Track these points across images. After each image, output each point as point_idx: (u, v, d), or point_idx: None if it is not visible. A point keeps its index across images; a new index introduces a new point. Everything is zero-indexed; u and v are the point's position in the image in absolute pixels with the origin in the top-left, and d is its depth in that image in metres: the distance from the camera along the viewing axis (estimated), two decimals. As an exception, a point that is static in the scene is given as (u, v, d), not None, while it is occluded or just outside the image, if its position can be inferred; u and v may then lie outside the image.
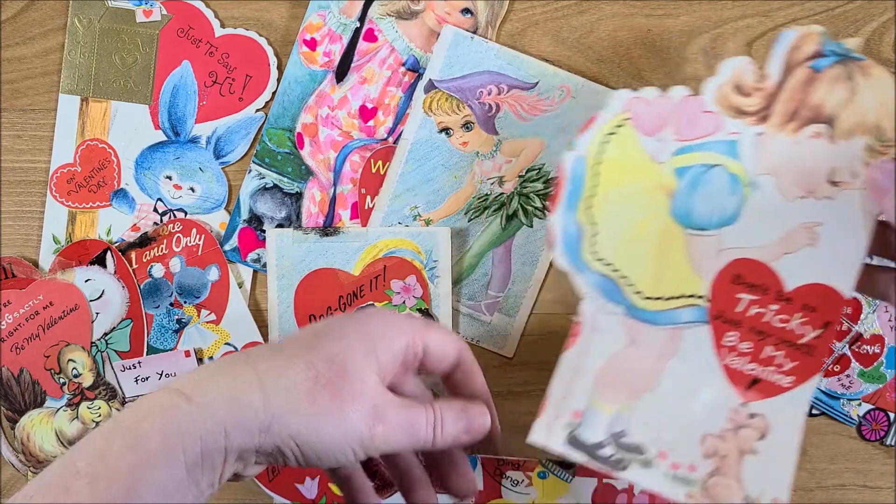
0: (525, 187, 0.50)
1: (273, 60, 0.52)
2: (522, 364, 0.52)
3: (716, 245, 0.41)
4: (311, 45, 0.52)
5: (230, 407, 0.36)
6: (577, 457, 0.40)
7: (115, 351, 0.52)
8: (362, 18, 0.51)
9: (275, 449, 0.36)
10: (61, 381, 0.52)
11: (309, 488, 0.52)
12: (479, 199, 0.51)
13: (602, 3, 0.51)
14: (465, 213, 0.51)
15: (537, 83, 0.50)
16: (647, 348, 0.42)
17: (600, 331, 0.41)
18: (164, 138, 0.52)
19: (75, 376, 0.52)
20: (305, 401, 0.36)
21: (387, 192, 0.52)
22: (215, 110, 0.52)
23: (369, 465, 0.52)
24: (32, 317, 0.51)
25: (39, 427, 0.52)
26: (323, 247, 0.52)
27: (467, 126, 0.50)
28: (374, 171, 0.52)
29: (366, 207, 0.52)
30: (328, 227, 0.52)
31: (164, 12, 0.52)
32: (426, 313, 0.51)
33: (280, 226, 0.52)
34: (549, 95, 0.50)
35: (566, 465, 0.52)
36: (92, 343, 0.52)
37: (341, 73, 0.52)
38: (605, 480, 0.52)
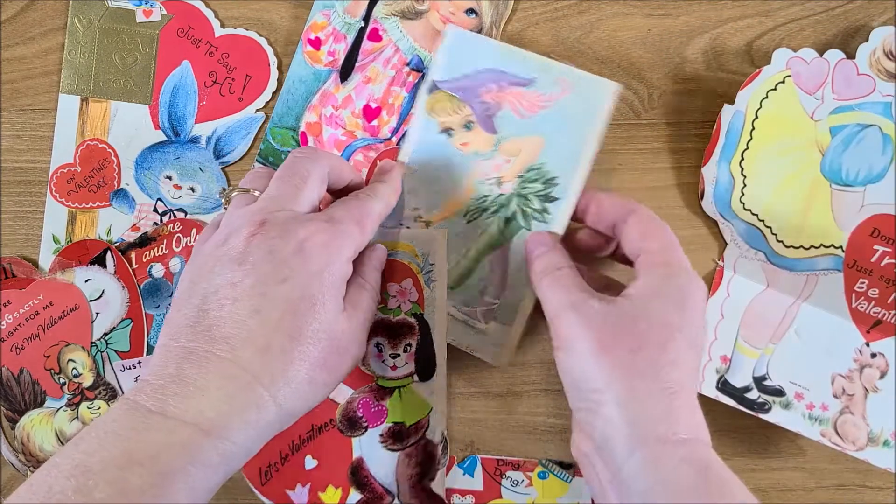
0: (524, 188, 0.49)
1: (273, 60, 0.52)
2: (522, 364, 0.52)
3: (859, 201, 0.45)
4: (316, 44, 0.52)
5: (250, 434, 0.37)
6: (726, 400, 0.46)
7: (115, 351, 0.52)
8: (367, 18, 0.51)
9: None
10: (61, 381, 0.52)
11: (300, 495, 0.52)
12: (478, 200, 0.50)
13: (602, 3, 0.51)
14: (464, 216, 0.50)
15: (535, 78, 0.48)
16: (784, 292, 0.47)
17: (741, 275, 0.45)
18: (164, 138, 0.52)
19: (75, 376, 0.52)
20: (308, 387, 0.39)
21: None
22: (215, 110, 0.52)
23: (360, 478, 0.52)
24: (32, 317, 0.51)
25: (39, 427, 0.52)
26: None
27: (468, 126, 0.49)
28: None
29: None
30: None
31: (164, 12, 0.52)
32: (421, 318, 0.51)
33: None
34: (548, 91, 0.48)
35: (566, 466, 0.52)
36: (92, 343, 0.52)
37: (345, 72, 0.52)
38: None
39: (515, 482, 0.52)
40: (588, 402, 0.39)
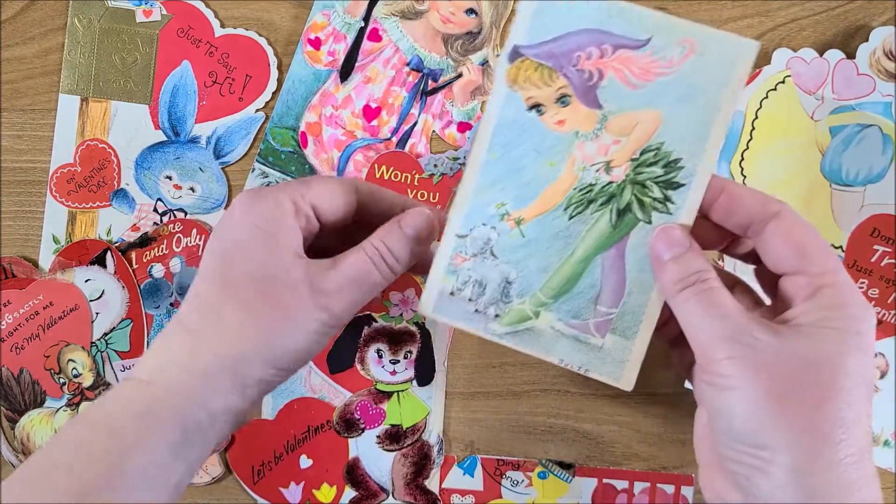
0: (640, 173, 0.40)
1: (273, 60, 0.52)
2: (522, 364, 0.52)
3: (859, 201, 0.44)
4: (316, 44, 0.52)
5: (197, 380, 0.37)
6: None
7: (115, 351, 0.52)
8: (367, 18, 0.51)
9: (258, 383, 0.38)
10: (61, 381, 0.52)
11: (293, 493, 0.52)
12: (581, 190, 0.40)
13: (602, 3, 0.51)
14: (566, 210, 0.41)
15: (650, 39, 0.39)
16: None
17: (743, 275, 0.45)
18: (164, 138, 0.52)
19: (75, 376, 0.52)
20: (257, 334, 0.37)
21: (467, 188, 0.41)
22: (215, 110, 0.52)
23: (355, 476, 0.52)
24: (32, 317, 0.51)
25: (39, 427, 0.52)
26: None
27: (563, 100, 0.40)
28: (378, 175, 0.52)
29: None
30: None
31: (164, 12, 0.52)
32: (422, 327, 0.51)
33: None
34: (667, 54, 0.39)
35: (566, 466, 0.52)
36: (92, 343, 0.52)
37: (345, 72, 0.52)
38: (604, 480, 0.52)
39: (515, 482, 0.52)
40: (752, 458, 0.34)
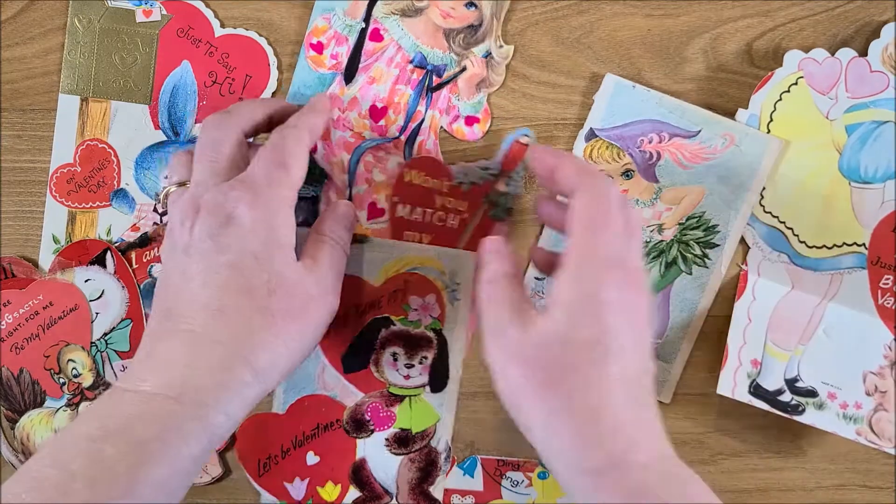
0: (685, 235, 0.50)
1: (273, 60, 0.52)
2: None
3: (879, 197, 0.45)
4: (318, 48, 0.51)
5: (226, 397, 0.37)
6: (759, 404, 0.47)
7: (115, 351, 0.52)
8: (367, 19, 0.51)
9: (275, 387, 0.41)
10: (61, 381, 0.52)
11: (297, 488, 0.52)
12: None
13: (602, 3, 0.51)
14: None
15: (700, 131, 0.49)
16: (810, 292, 0.47)
17: (766, 278, 0.46)
18: (164, 138, 0.52)
19: (75, 376, 0.52)
20: (273, 339, 0.39)
21: (546, 242, 0.51)
22: (215, 110, 0.52)
23: (360, 477, 0.52)
24: (32, 317, 0.51)
25: (39, 427, 0.52)
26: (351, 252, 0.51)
27: (627, 174, 0.50)
28: (406, 180, 0.51)
29: (396, 215, 0.51)
30: (358, 234, 0.50)
31: (164, 12, 0.52)
32: (440, 333, 0.51)
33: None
34: (712, 143, 0.49)
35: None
36: (92, 343, 0.52)
37: (350, 74, 0.52)
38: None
39: (515, 482, 0.52)
40: (524, 429, 0.39)
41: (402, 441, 0.52)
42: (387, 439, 0.52)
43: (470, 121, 0.52)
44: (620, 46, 0.51)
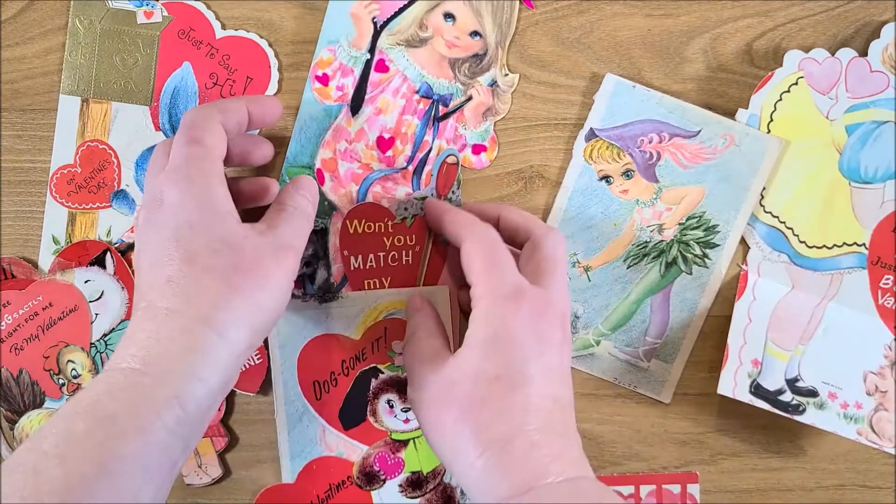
0: (685, 235, 0.50)
1: (274, 62, 0.52)
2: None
3: (879, 197, 0.45)
4: (324, 80, 0.51)
5: (192, 361, 0.37)
6: (760, 404, 0.47)
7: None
8: (372, 50, 0.51)
9: (247, 349, 0.40)
10: (60, 381, 0.52)
11: None
12: (638, 246, 0.51)
13: (602, 3, 0.51)
14: (625, 261, 0.51)
15: (700, 131, 0.49)
16: (810, 292, 0.47)
17: (766, 278, 0.46)
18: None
19: (74, 377, 0.52)
20: (228, 295, 0.39)
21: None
22: (216, 111, 0.52)
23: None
24: (32, 317, 0.51)
25: (39, 428, 0.52)
26: (323, 313, 0.51)
27: (628, 174, 0.50)
28: (351, 231, 0.51)
29: (352, 268, 0.51)
30: (326, 293, 0.51)
31: (165, 14, 0.52)
32: None
33: (308, 263, 0.51)
34: (712, 144, 0.49)
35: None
36: (91, 344, 0.52)
37: (356, 105, 0.51)
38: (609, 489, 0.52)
39: None
40: (447, 467, 0.44)
41: (415, 484, 0.52)
42: (400, 485, 0.52)
43: (477, 149, 0.52)
44: (620, 46, 0.51)
